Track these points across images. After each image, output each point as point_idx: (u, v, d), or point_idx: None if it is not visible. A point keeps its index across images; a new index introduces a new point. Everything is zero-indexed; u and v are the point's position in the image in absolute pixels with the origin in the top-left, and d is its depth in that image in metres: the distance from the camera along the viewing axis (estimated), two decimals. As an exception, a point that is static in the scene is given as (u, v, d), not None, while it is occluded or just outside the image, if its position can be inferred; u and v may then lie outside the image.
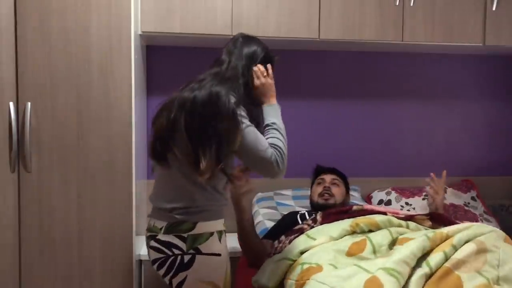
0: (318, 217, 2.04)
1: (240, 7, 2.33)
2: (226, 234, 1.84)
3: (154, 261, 1.70)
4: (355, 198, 2.66)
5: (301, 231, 1.97)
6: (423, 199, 2.65)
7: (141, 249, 2.35)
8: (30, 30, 1.98)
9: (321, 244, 1.82)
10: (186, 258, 1.64)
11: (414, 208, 2.61)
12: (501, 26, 2.52)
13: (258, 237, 2.15)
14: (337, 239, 1.84)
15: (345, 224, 1.89)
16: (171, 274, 1.65)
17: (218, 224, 1.71)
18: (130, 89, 2.05)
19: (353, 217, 1.95)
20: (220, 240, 1.69)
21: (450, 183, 2.85)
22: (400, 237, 1.75)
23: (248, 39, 1.83)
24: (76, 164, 2.04)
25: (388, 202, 2.67)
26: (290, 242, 1.95)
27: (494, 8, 2.50)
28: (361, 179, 2.79)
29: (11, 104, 1.97)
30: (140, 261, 2.29)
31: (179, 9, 2.29)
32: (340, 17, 2.40)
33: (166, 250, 1.66)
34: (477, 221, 2.56)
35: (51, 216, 2.03)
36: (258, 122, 1.74)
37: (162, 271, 1.68)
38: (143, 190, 2.50)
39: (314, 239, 1.86)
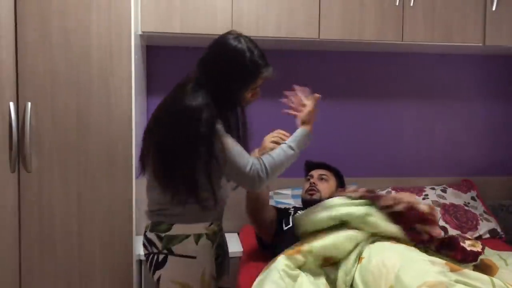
0: None
1: (240, 7, 2.33)
2: (224, 234, 1.85)
3: (144, 256, 1.76)
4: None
5: None
6: (423, 199, 2.65)
7: (141, 249, 2.34)
8: (30, 30, 1.98)
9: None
10: (160, 257, 1.67)
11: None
12: (501, 26, 2.52)
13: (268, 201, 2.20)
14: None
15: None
16: (151, 270, 1.71)
17: (197, 227, 1.69)
18: (130, 89, 2.05)
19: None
20: (197, 243, 1.67)
21: (450, 183, 2.85)
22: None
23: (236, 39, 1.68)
24: (76, 164, 2.04)
25: (388, 202, 2.67)
26: None
27: (494, 8, 2.49)
28: (361, 179, 2.78)
29: (11, 104, 1.96)
30: (140, 261, 2.29)
31: (179, 9, 2.29)
32: (340, 17, 2.40)
33: (148, 247, 1.72)
34: (477, 221, 2.56)
35: (51, 216, 2.03)
36: (229, 125, 1.70)
37: (148, 266, 1.73)
38: (143, 190, 2.49)
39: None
